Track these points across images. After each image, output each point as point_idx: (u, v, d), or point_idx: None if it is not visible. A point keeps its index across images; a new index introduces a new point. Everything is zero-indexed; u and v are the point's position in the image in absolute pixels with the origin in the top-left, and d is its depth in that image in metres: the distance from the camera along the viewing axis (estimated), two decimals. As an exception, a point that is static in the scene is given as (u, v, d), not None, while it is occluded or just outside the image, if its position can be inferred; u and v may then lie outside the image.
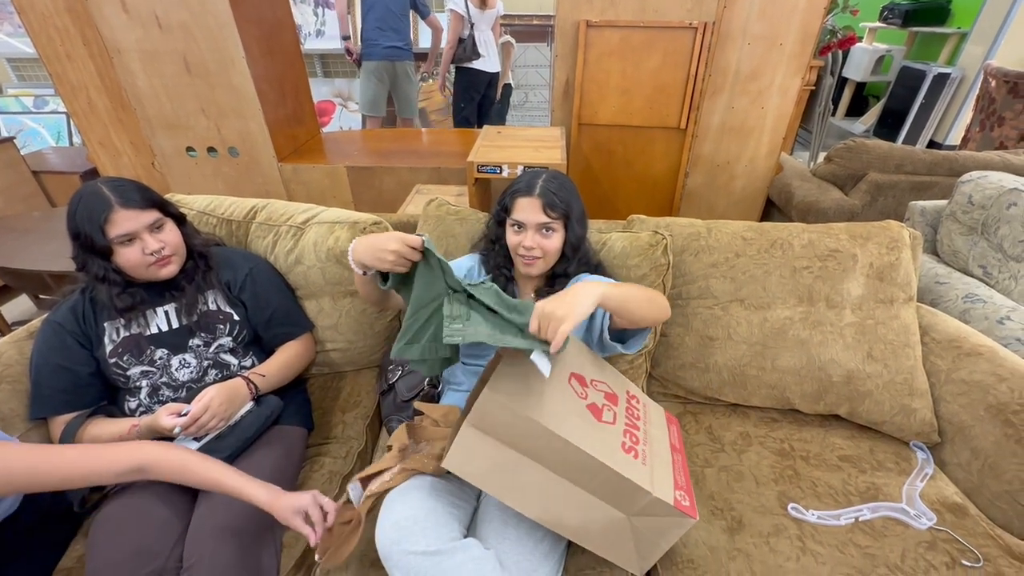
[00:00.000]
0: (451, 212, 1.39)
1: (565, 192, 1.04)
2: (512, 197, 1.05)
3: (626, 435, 0.87)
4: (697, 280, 1.31)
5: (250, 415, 1.06)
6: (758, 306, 1.29)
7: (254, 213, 1.36)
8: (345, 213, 1.35)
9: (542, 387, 0.80)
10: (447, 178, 2.40)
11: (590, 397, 0.88)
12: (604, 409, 0.89)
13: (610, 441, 0.83)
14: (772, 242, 1.29)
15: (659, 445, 0.94)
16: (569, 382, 0.87)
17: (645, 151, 2.49)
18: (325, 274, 1.30)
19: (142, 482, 0.96)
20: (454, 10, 3.30)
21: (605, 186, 2.62)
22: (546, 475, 0.79)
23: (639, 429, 0.92)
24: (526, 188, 1.03)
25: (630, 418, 0.93)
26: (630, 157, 2.50)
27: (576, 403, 0.84)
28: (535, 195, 1.01)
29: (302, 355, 1.25)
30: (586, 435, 0.79)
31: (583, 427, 0.80)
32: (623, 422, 0.90)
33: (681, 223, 1.34)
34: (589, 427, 0.82)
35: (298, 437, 1.16)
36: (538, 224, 1.02)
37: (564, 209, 1.02)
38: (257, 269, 1.21)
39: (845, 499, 1.08)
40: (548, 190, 1.02)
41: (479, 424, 0.77)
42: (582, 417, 0.82)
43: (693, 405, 1.36)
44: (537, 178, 1.04)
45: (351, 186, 2.47)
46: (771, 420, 1.30)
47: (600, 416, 0.86)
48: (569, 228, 1.05)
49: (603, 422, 0.86)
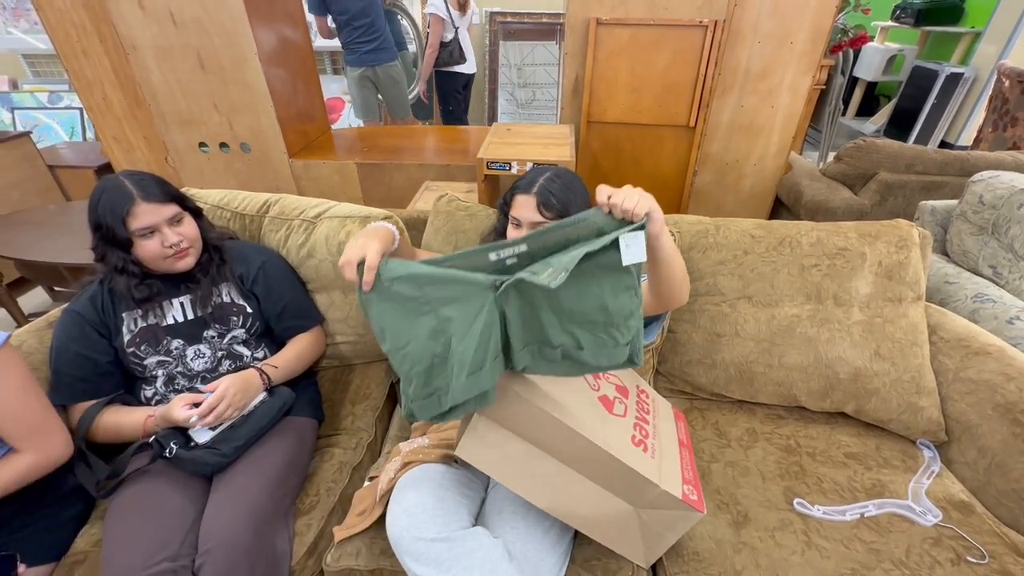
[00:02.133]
0: (461, 208, 1.40)
1: (566, 192, 1.01)
2: (512, 193, 1.06)
3: (636, 428, 0.88)
4: (705, 277, 1.31)
5: (263, 406, 1.08)
6: (766, 303, 1.29)
7: (267, 207, 1.38)
8: (356, 208, 1.36)
9: (555, 378, 0.81)
10: (456, 175, 2.41)
11: (602, 389, 0.89)
12: (615, 402, 0.90)
13: (620, 434, 0.84)
14: (781, 240, 1.30)
15: (667, 439, 0.95)
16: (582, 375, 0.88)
17: (654, 149, 2.49)
18: (336, 268, 1.32)
19: (158, 468, 0.99)
20: (435, 14, 3.30)
21: (614, 183, 2.59)
22: (556, 466, 0.81)
23: (648, 423, 0.93)
24: (526, 185, 1.03)
25: (640, 412, 0.94)
26: (639, 155, 2.51)
27: (588, 395, 0.86)
28: (532, 193, 1.01)
29: (313, 347, 1.26)
30: (597, 427, 0.80)
31: (594, 419, 0.81)
32: (633, 415, 0.91)
33: (689, 220, 1.35)
34: (600, 419, 0.83)
35: (309, 428, 1.17)
36: (532, 223, 1.01)
37: (559, 209, 0.99)
38: (270, 263, 1.23)
39: (851, 495, 1.08)
40: (546, 189, 1.00)
41: (491, 413, 0.78)
42: (594, 409, 0.84)
43: (700, 401, 1.37)
44: (539, 176, 1.03)
45: (361, 182, 2.48)
46: (777, 417, 1.31)
47: (611, 409, 0.87)
48: None
49: (614, 415, 0.87)
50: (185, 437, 1.01)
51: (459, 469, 0.97)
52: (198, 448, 1.00)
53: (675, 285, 0.91)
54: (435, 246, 1.39)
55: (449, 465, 0.96)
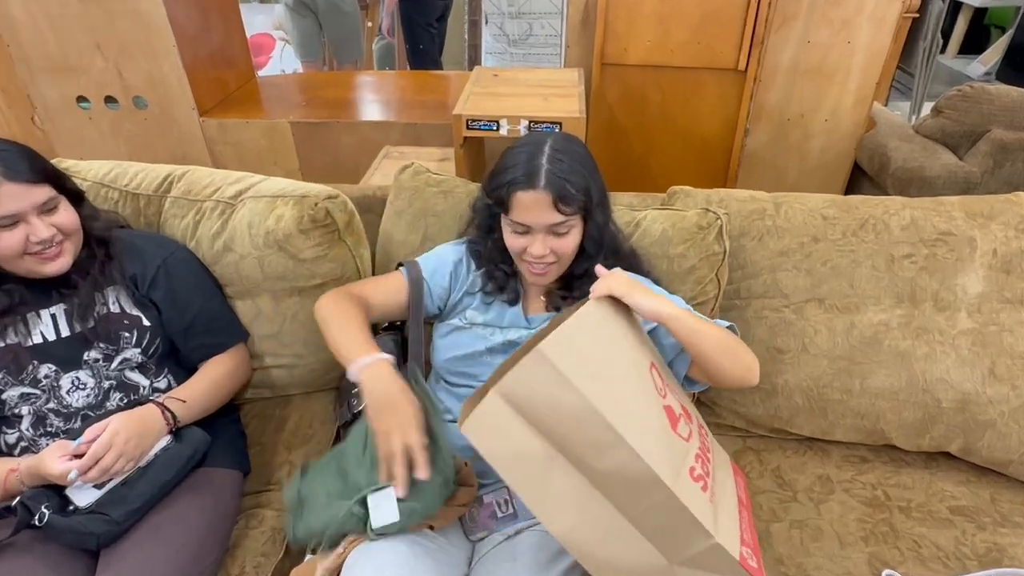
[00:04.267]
0: (432, 182, 1.39)
1: (579, 171, 1.00)
2: (509, 191, 1.00)
3: (698, 460, 0.88)
4: (761, 273, 1.31)
5: (167, 454, 1.06)
6: (843, 308, 1.29)
7: (169, 184, 1.37)
8: (290, 184, 1.35)
9: (616, 364, 0.81)
10: (426, 137, 2.41)
11: (668, 398, 0.89)
12: (680, 419, 0.89)
13: (677, 460, 0.83)
14: (862, 222, 1.30)
15: (725, 489, 0.95)
16: (650, 371, 0.87)
17: (691, 101, 2.49)
18: (264, 265, 1.31)
19: (23, 541, 0.97)
20: None
21: (637, 147, 2.63)
22: (581, 484, 0.80)
23: (710, 461, 0.93)
24: (526, 178, 0.98)
25: (703, 442, 0.94)
26: (671, 109, 2.51)
27: (652, 399, 0.84)
28: (540, 187, 0.97)
29: (233, 374, 1.25)
30: (650, 442, 0.78)
31: (651, 430, 0.80)
32: (697, 443, 0.91)
33: (740, 197, 1.35)
34: (658, 433, 0.81)
35: (230, 483, 1.17)
36: (549, 225, 0.99)
37: (582, 199, 0.99)
38: (173, 259, 1.21)
39: (958, 564, 1.08)
40: (557, 176, 0.97)
41: (511, 395, 0.76)
42: (654, 418, 0.82)
43: (755, 440, 1.37)
44: (538, 158, 0.99)
45: (297, 148, 2.47)
46: (859, 459, 1.31)
47: (675, 426, 0.86)
48: (590, 219, 1.03)
49: (677, 434, 0.86)
50: (61, 499, 0.99)
51: (433, 538, 0.96)
52: (79, 513, 0.98)
53: (717, 370, 0.95)
54: (397, 235, 1.38)
55: (419, 533, 0.95)
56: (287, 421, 1.37)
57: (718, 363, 0.93)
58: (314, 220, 1.28)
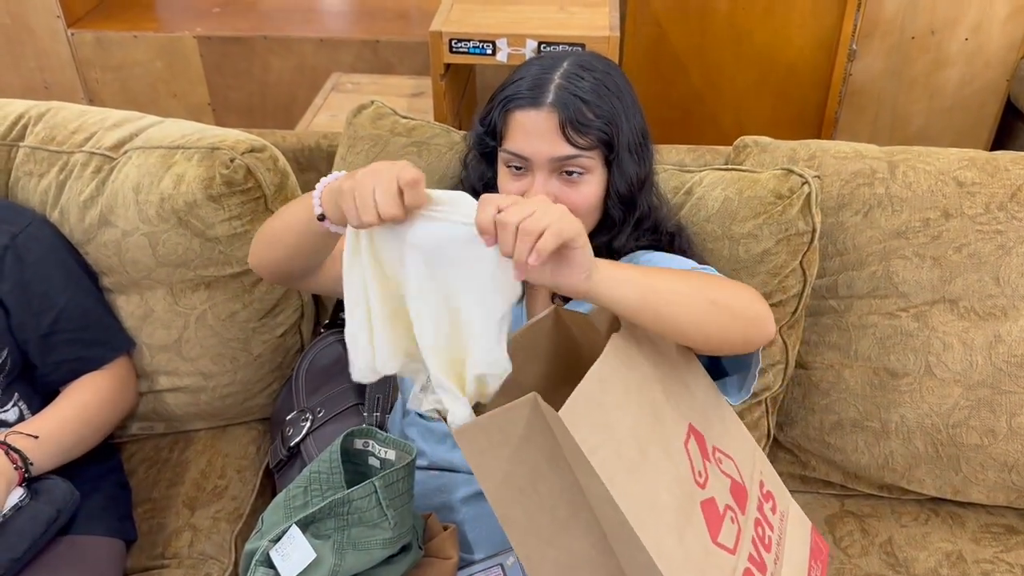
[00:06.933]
0: (400, 129, 1.39)
1: (606, 95, 1.02)
2: (505, 108, 1.03)
3: (745, 574, 0.89)
4: (869, 263, 1.32)
5: (20, 515, 1.06)
6: (984, 313, 1.29)
7: (22, 128, 1.37)
8: (196, 129, 1.35)
9: (640, 448, 0.81)
10: (392, 62, 2.42)
11: (710, 484, 0.90)
12: (725, 516, 0.90)
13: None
14: (1014, 190, 1.30)
15: None
16: (686, 444, 0.88)
17: (771, 11, 2.49)
18: (157, 246, 1.31)
19: None
20: None
21: (694, 80, 2.62)
22: (593, 552, 0.82)
23: (767, 566, 0.94)
24: (531, 92, 1.00)
25: (757, 533, 0.95)
26: (742, 23, 2.51)
27: (688, 490, 0.86)
28: (547, 104, 0.99)
29: (111, 400, 1.26)
30: (679, 558, 0.80)
31: (681, 542, 0.82)
32: (747, 548, 0.92)
33: (839, 153, 1.35)
34: (691, 546, 0.83)
35: (107, 556, 1.17)
36: (554, 160, 1.00)
37: (603, 129, 1.00)
38: (25, 237, 1.22)
39: None
40: (571, 93, 0.99)
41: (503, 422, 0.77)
42: (691, 538, 0.84)
43: (856, 500, 1.38)
44: (552, 71, 1.01)
45: (206, 75, 2.48)
46: (1005, 530, 1.31)
47: (717, 530, 0.88)
48: (615, 165, 1.04)
49: (718, 545, 0.87)
50: None
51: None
52: None
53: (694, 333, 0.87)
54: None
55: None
56: (188, 468, 1.38)
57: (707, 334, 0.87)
58: (229, 182, 1.28)
